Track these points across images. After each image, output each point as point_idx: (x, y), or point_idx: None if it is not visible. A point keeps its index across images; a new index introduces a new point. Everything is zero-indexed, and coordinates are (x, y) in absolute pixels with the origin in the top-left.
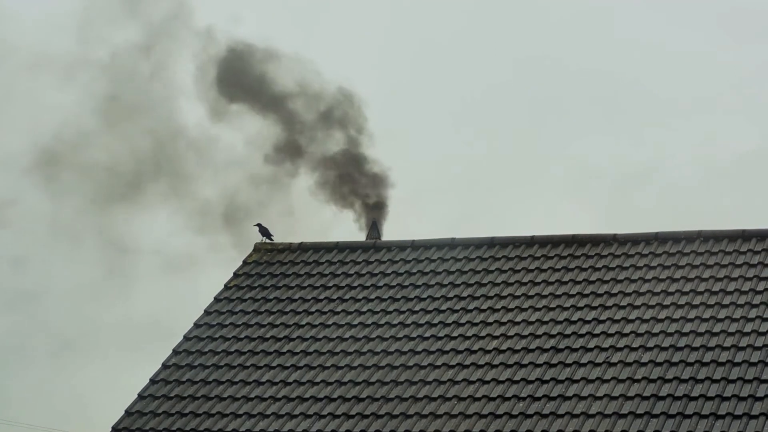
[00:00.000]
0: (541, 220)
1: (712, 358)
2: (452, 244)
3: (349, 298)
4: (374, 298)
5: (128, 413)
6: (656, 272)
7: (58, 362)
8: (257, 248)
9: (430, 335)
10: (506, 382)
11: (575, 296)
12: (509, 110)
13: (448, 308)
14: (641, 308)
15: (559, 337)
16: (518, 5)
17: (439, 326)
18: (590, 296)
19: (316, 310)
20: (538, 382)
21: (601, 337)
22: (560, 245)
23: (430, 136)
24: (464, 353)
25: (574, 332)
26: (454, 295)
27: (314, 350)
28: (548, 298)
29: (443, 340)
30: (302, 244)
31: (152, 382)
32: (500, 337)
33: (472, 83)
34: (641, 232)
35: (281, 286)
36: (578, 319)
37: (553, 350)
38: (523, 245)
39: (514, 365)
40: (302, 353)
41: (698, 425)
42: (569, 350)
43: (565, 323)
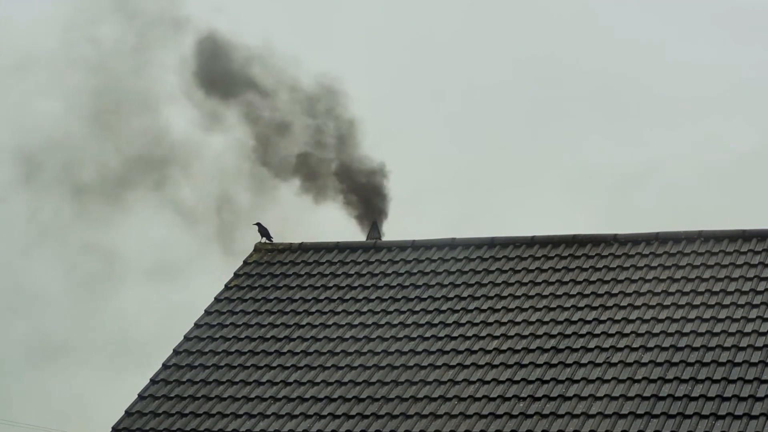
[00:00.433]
0: (541, 220)
1: (712, 358)
2: (452, 244)
3: (349, 298)
4: (374, 298)
5: (128, 413)
6: (657, 272)
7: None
8: (257, 248)
9: (430, 335)
10: (506, 382)
11: (576, 296)
12: (509, 110)
13: (448, 308)
14: (642, 308)
15: (559, 337)
16: (518, 5)
17: (439, 326)
18: (591, 296)
19: (316, 310)
20: (538, 382)
21: (601, 337)
22: (561, 245)
23: (430, 135)
24: (464, 353)
25: (574, 332)
26: (454, 295)
27: (314, 350)
28: (549, 298)
29: (443, 340)
30: (302, 244)
31: (152, 382)
32: (500, 337)
33: (472, 83)
34: (642, 232)
35: (281, 286)
36: (579, 319)
37: (553, 350)
38: (523, 245)
39: (514, 365)
40: (302, 353)
41: (699, 425)
42: (570, 350)
43: (565, 323)
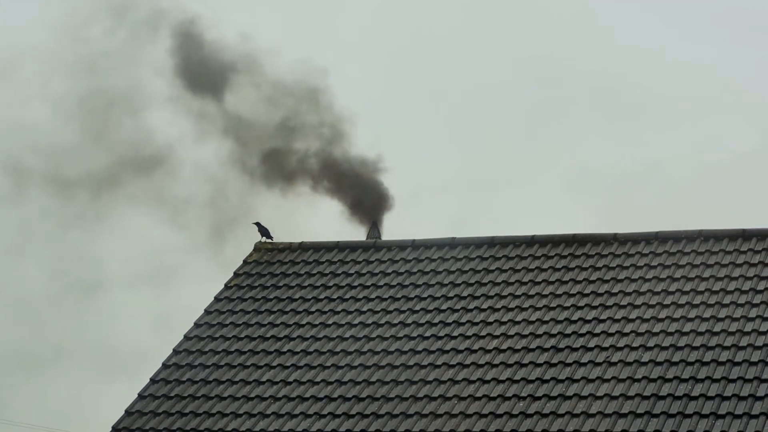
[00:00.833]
0: (541, 219)
1: (712, 357)
2: (452, 243)
3: (349, 297)
4: (374, 297)
5: (128, 413)
6: (657, 272)
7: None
8: (257, 248)
9: (430, 335)
10: (506, 381)
11: (575, 296)
12: (509, 110)
13: (448, 308)
14: (642, 308)
15: (559, 336)
16: (518, 5)
17: (439, 326)
18: (591, 296)
19: (316, 309)
20: (538, 381)
21: (601, 336)
22: (560, 245)
23: (429, 135)
24: (464, 353)
25: (574, 332)
26: (454, 294)
27: (314, 350)
28: (548, 297)
29: (443, 339)
30: (302, 243)
31: (152, 381)
32: (500, 336)
33: (472, 83)
34: (642, 231)
35: (281, 285)
36: (578, 318)
37: (553, 350)
38: (523, 245)
39: (514, 365)
40: (302, 353)
41: (698, 425)
42: (569, 350)
43: (565, 323)
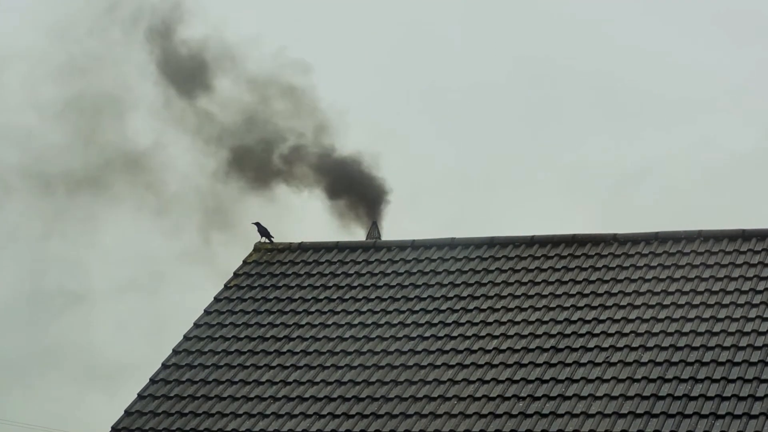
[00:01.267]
0: (540, 220)
1: (711, 357)
2: (452, 244)
3: (349, 297)
4: (374, 297)
5: (128, 413)
6: (656, 272)
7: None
8: (257, 248)
9: (429, 335)
10: (506, 381)
11: (575, 296)
12: (509, 110)
13: (448, 308)
14: (641, 308)
15: (558, 336)
16: (517, 5)
17: (438, 326)
18: (590, 296)
19: (315, 309)
20: (537, 381)
21: (600, 336)
22: (560, 245)
23: (429, 135)
24: (464, 353)
25: (574, 332)
26: (454, 294)
27: (314, 350)
28: (548, 297)
29: (443, 339)
30: (302, 243)
31: (152, 381)
32: (500, 336)
33: (472, 82)
34: (641, 231)
35: (281, 285)
36: (578, 318)
37: (552, 350)
38: (523, 245)
39: (513, 365)
40: (302, 353)
41: (698, 425)
42: (569, 350)
43: (565, 323)
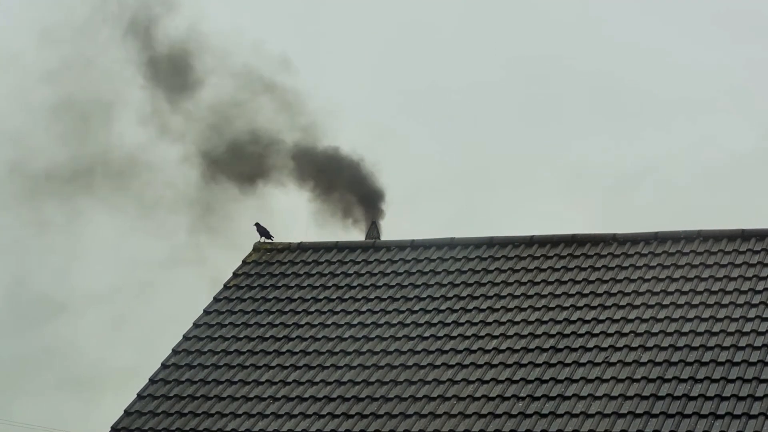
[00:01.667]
0: (540, 220)
1: (711, 357)
2: (452, 243)
3: (348, 297)
4: (374, 297)
5: (127, 413)
6: (655, 272)
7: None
8: (256, 248)
9: (429, 335)
10: (505, 381)
11: (574, 296)
12: (508, 110)
13: (447, 308)
14: (640, 308)
15: (558, 336)
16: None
17: (438, 326)
18: (589, 296)
19: (315, 309)
20: (537, 381)
21: (600, 336)
22: (560, 245)
23: (429, 135)
24: (463, 353)
25: (573, 332)
26: (453, 294)
27: (313, 350)
28: (547, 297)
29: (442, 339)
30: (302, 243)
31: (151, 381)
32: (499, 336)
33: (472, 82)
34: (640, 231)
35: (281, 285)
36: (577, 318)
37: (552, 350)
38: (522, 245)
39: (513, 365)
40: (301, 353)
41: (697, 425)
42: (568, 350)
43: (564, 323)
